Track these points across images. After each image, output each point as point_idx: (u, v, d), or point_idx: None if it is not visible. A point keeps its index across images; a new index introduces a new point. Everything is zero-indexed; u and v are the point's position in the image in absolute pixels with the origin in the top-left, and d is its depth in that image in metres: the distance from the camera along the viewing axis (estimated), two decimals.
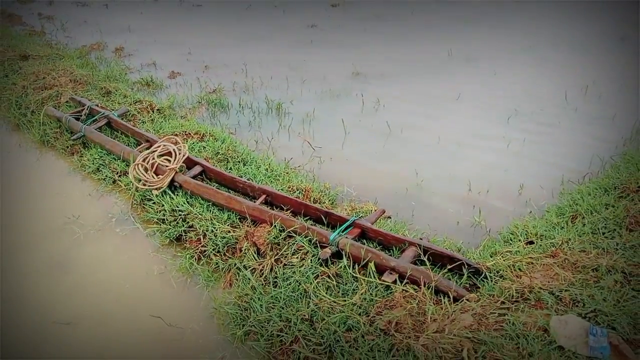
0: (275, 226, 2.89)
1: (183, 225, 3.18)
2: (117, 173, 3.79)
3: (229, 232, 3.01)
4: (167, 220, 3.24)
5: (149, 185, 3.44)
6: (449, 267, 2.56)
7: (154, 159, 3.54)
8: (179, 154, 3.55)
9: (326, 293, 2.49)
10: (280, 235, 2.87)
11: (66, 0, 8.97)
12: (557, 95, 5.11)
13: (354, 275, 2.57)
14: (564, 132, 4.45)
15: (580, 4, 8.47)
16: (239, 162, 3.87)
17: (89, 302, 2.79)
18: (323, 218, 2.99)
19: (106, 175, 3.80)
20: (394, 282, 2.46)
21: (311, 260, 2.70)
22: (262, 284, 2.67)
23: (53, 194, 3.72)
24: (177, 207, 3.27)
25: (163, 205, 3.32)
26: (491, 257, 2.76)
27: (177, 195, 3.38)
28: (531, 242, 2.85)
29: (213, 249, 2.97)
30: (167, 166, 3.45)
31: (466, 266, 2.53)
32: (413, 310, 2.29)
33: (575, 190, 3.43)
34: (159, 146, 3.64)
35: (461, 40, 6.89)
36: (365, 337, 2.23)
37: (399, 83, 5.61)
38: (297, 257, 2.74)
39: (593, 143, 4.21)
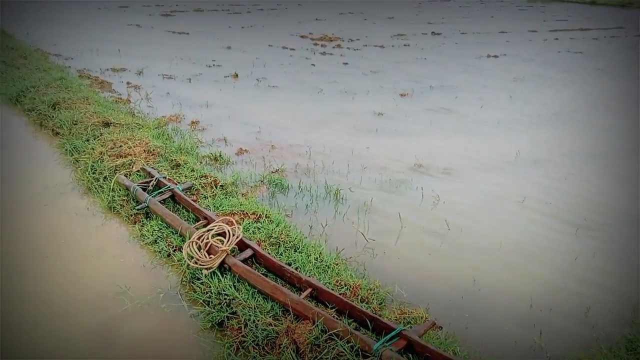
0: (317, 325, 2.79)
1: (227, 311, 3.14)
2: (173, 247, 3.87)
3: (271, 324, 2.94)
4: (212, 302, 3.22)
5: (200, 264, 3.47)
6: None
7: (208, 238, 3.60)
8: (233, 235, 3.59)
9: None
10: (322, 336, 2.76)
11: (154, 73, 9.75)
12: (634, 208, 4.80)
13: None
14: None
15: None
16: (290, 247, 3.85)
17: None
18: (368, 322, 2.86)
19: (162, 248, 3.89)
20: None
21: None
22: None
23: (110, 261, 3.84)
24: (224, 290, 3.26)
25: (210, 287, 3.32)
26: None
27: (225, 277, 3.38)
28: None
29: (253, 341, 2.89)
30: (219, 247, 3.49)
31: None
32: None
33: None
34: (215, 226, 3.71)
35: (531, 140, 6.75)
36: None
37: (461, 180, 5.50)
38: None
39: None
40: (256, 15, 20.02)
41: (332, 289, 3.24)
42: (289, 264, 3.57)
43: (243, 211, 4.35)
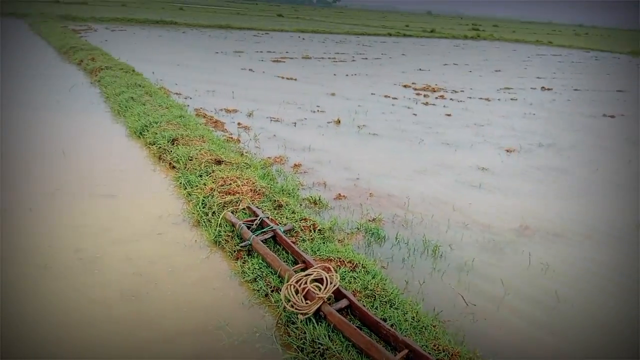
0: None
1: None
2: (271, 287, 3.95)
3: None
4: (306, 350, 3.22)
5: (297, 309, 3.50)
6: None
7: (306, 283, 3.64)
8: (330, 283, 3.60)
9: None
10: None
11: (263, 115, 10.29)
12: None
13: None
14: None
15: None
16: (385, 302, 3.77)
17: None
18: None
19: (261, 287, 3.98)
20: None
21: None
22: None
23: (212, 294, 3.99)
24: (318, 338, 3.25)
25: (305, 333, 3.33)
26: None
27: (320, 325, 3.37)
28: None
29: None
30: (316, 294, 3.51)
31: None
32: None
33: None
34: (313, 271, 3.75)
35: None
36: None
37: (573, 247, 5.12)
38: None
39: None
40: (361, 64, 20.61)
41: (429, 353, 3.11)
42: (384, 320, 3.49)
43: (339, 258, 4.37)
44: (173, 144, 7.36)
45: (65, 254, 4.35)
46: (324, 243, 4.71)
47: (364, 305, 3.59)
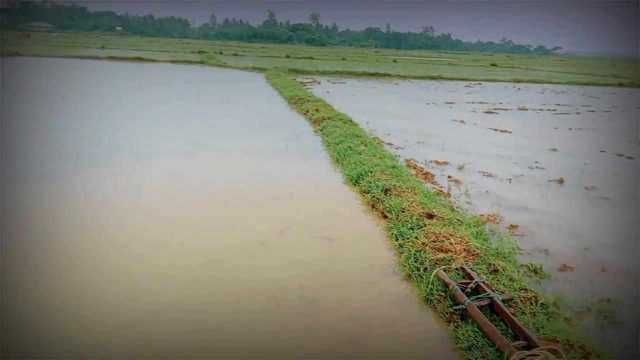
0: None
1: None
2: None
3: None
4: None
5: None
6: None
7: None
8: None
9: None
10: None
11: (474, 169, 9.96)
12: None
13: None
14: None
15: None
16: None
17: None
18: None
19: (476, 357, 3.74)
20: None
21: None
22: None
23: (423, 356, 3.89)
24: None
25: None
26: None
27: None
28: None
29: None
30: None
31: None
32: None
33: None
34: (540, 352, 3.38)
35: None
36: None
37: None
38: None
39: None
40: (586, 117, 18.66)
41: None
42: None
43: (568, 341, 3.86)
44: (386, 193, 7.58)
45: (291, 290, 4.75)
46: (548, 320, 4.24)
47: None
